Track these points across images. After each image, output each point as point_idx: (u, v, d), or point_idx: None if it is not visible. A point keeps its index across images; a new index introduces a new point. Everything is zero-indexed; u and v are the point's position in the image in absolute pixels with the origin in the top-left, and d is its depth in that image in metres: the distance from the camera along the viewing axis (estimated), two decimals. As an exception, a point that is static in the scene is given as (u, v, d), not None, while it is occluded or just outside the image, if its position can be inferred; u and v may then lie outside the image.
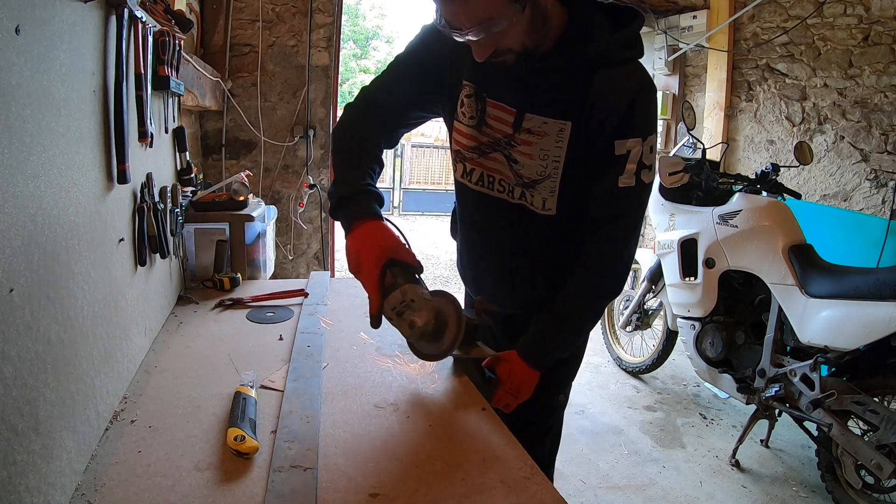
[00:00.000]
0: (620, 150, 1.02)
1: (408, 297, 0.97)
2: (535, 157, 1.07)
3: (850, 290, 1.97)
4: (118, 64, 1.03)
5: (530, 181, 1.10)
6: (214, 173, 3.07)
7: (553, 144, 1.06)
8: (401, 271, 0.99)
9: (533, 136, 1.06)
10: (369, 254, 0.99)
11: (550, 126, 1.05)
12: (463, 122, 1.14)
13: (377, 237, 1.00)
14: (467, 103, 1.12)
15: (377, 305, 1.00)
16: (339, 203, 1.04)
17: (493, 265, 1.26)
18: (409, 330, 0.99)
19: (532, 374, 1.14)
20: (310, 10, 3.12)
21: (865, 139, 2.99)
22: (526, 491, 0.86)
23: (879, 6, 2.87)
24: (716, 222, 2.45)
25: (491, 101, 1.09)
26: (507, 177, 1.12)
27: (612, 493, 2.13)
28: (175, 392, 1.12)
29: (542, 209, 1.11)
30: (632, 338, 3.29)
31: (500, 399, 1.15)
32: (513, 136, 1.08)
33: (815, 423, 2.08)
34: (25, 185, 0.71)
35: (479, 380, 1.18)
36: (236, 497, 0.82)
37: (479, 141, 1.13)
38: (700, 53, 3.90)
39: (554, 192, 1.09)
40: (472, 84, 1.10)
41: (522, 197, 1.12)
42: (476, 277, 1.33)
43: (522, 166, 1.09)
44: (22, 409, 0.68)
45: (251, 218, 1.93)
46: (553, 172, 1.07)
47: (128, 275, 1.17)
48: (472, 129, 1.13)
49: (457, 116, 1.14)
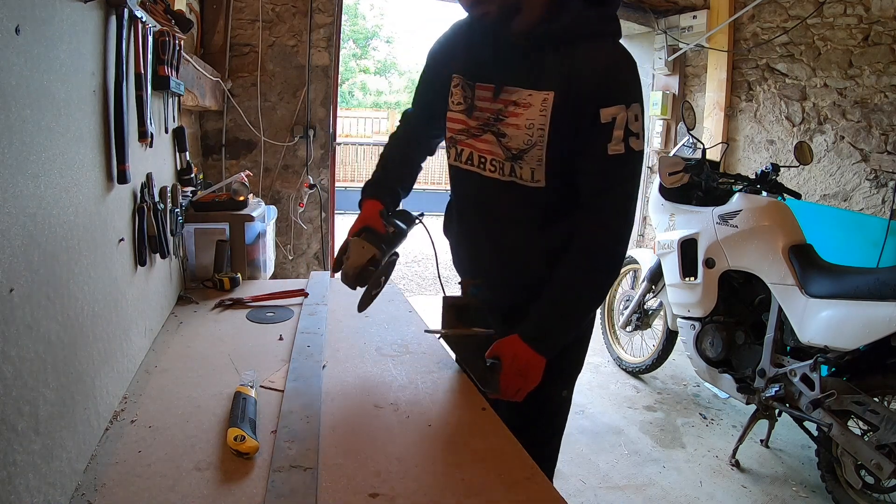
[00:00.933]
0: (606, 118, 1.05)
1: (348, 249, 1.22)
2: (522, 128, 1.11)
3: (850, 290, 1.97)
4: (118, 64, 1.03)
5: (518, 152, 1.13)
6: (214, 173, 3.07)
7: (538, 114, 1.09)
8: (368, 236, 1.22)
9: (519, 107, 1.11)
10: (355, 223, 1.25)
11: (535, 97, 1.10)
12: (454, 110, 1.21)
13: (363, 212, 1.26)
14: (455, 92, 1.20)
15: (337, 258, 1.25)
16: (362, 191, 1.32)
17: (490, 248, 1.26)
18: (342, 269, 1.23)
19: (537, 358, 1.11)
20: (310, 10, 3.12)
21: (865, 139, 2.99)
22: (526, 491, 0.86)
23: (879, 6, 2.87)
24: (716, 222, 2.45)
25: (479, 85, 1.16)
26: (498, 154, 1.16)
27: (612, 493, 2.13)
28: (175, 392, 1.12)
29: (532, 181, 1.14)
30: (632, 338, 3.29)
31: (508, 385, 1.11)
32: (500, 109, 1.13)
33: (815, 423, 2.08)
34: (25, 185, 0.71)
35: (482, 368, 1.15)
36: (236, 497, 0.82)
37: (469, 125, 1.19)
38: (700, 53, 3.90)
39: (541, 161, 1.12)
40: (461, 76, 1.19)
41: (512, 172, 1.15)
42: (473, 265, 1.33)
43: (510, 138, 1.13)
44: (22, 409, 0.68)
45: (251, 218, 1.93)
46: (539, 141, 1.10)
47: (128, 275, 1.17)
48: (461, 115, 1.20)
49: (448, 107, 1.23)
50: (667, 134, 4.15)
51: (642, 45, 4.18)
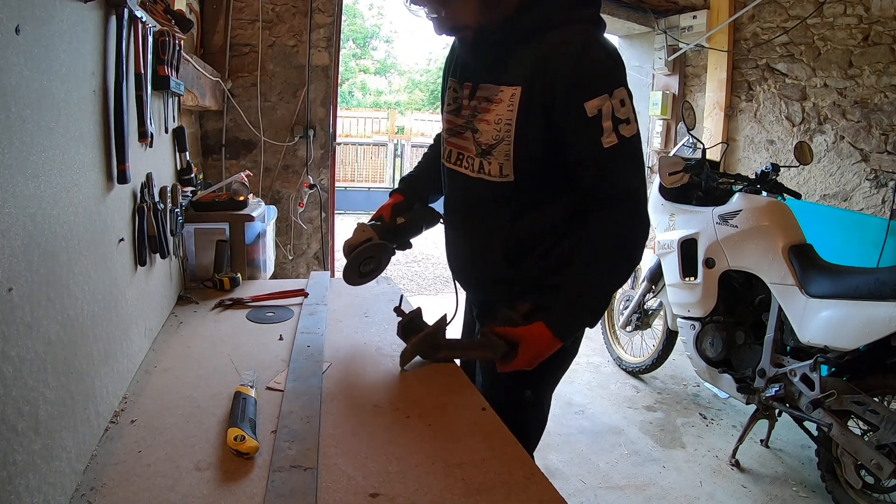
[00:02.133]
0: (592, 111, 1.03)
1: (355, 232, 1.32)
2: (492, 123, 1.13)
3: (850, 290, 1.97)
4: (118, 64, 1.03)
5: (487, 147, 1.14)
6: (214, 173, 3.07)
7: (506, 109, 1.10)
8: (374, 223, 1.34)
9: (491, 104, 1.13)
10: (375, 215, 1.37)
11: (505, 93, 1.11)
12: (446, 111, 1.26)
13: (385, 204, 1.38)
14: (449, 94, 1.25)
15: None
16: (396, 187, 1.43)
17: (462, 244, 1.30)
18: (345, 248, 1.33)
19: (557, 343, 1.10)
20: (310, 10, 3.11)
21: (865, 139, 2.99)
22: (526, 491, 0.86)
23: (879, 6, 2.87)
24: (716, 222, 2.45)
25: (465, 84, 1.20)
26: (470, 150, 1.19)
27: (612, 493, 2.13)
28: (175, 392, 1.12)
29: (500, 176, 1.14)
30: (632, 338, 3.29)
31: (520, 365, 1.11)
32: (475, 106, 1.16)
33: (815, 423, 2.08)
34: (25, 185, 0.71)
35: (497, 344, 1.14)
36: (236, 497, 0.82)
37: (455, 124, 1.22)
38: (700, 53, 3.90)
39: (509, 156, 1.12)
40: (455, 79, 1.24)
41: (481, 168, 1.17)
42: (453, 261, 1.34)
43: (482, 134, 1.15)
44: (22, 409, 0.68)
45: (251, 218, 1.93)
46: (506, 136, 1.11)
47: (128, 275, 1.17)
48: (451, 115, 1.24)
49: (442, 109, 1.28)
50: (667, 134, 4.15)
51: (642, 45, 4.18)
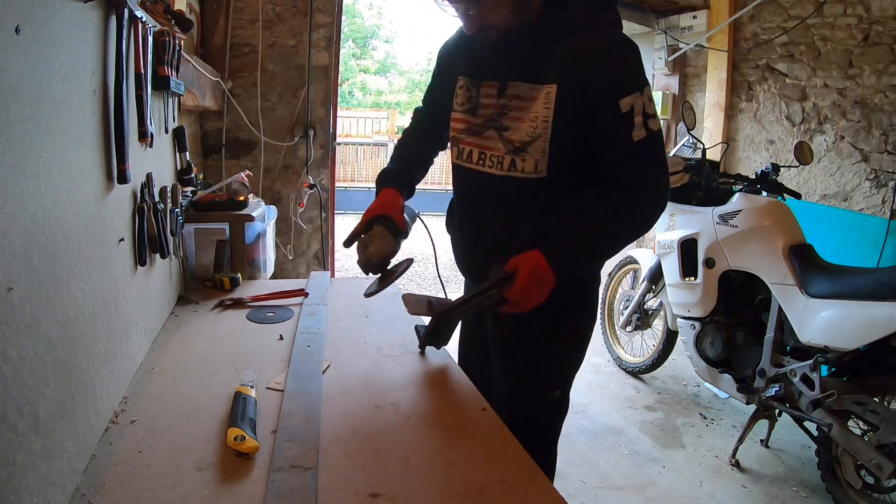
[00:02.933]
0: (625, 108, 1.09)
1: (373, 235, 1.25)
2: (526, 121, 1.14)
3: (850, 290, 1.97)
4: (118, 64, 1.03)
5: (521, 144, 1.15)
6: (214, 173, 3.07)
7: (542, 106, 1.12)
8: (386, 223, 1.26)
9: (523, 101, 1.14)
10: (374, 205, 1.28)
11: (538, 91, 1.12)
12: (458, 111, 1.25)
13: (385, 198, 1.29)
14: (461, 93, 1.24)
15: (355, 234, 1.27)
16: (380, 175, 1.35)
17: (483, 244, 1.28)
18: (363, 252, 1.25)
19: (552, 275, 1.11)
20: (310, 10, 3.11)
21: (865, 139, 2.99)
22: (526, 491, 0.86)
23: (879, 6, 2.87)
24: (716, 222, 2.45)
25: (484, 83, 1.20)
26: (498, 149, 1.19)
27: (612, 493, 2.13)
28: (175, 392, 1.12)
29: (535, 172, 1.16)
30: (632, 338, 3.29)
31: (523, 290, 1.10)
32: (503, 104, 1.16)
33: (815, 423, 2.08)
34: (25, 185, 0.71)
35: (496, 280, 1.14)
36: (236, 497, 0.82)
37: (472, 123, 1.22)
38: (700, 53, 3.90)
39: (545, 152, 1.14)
40: (466, 77, 1.23)
41: (512, 166, 1.17)
42: (468, 261, 1.34)
43: (514, 131, 1.16)
44: (22, 409, 0.68)
45: (251, 218, 1.93)
46: (543, 132, 1.13)
47: (128, 275, 1.17)
48: (465, 114, 1.23)
49: (453, 107, 1.26)
50: (667, 134, 4.15)
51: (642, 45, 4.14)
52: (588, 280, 1.31)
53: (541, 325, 1.24)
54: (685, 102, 2.89)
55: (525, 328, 1.25)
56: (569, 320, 1.28)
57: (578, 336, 1.31)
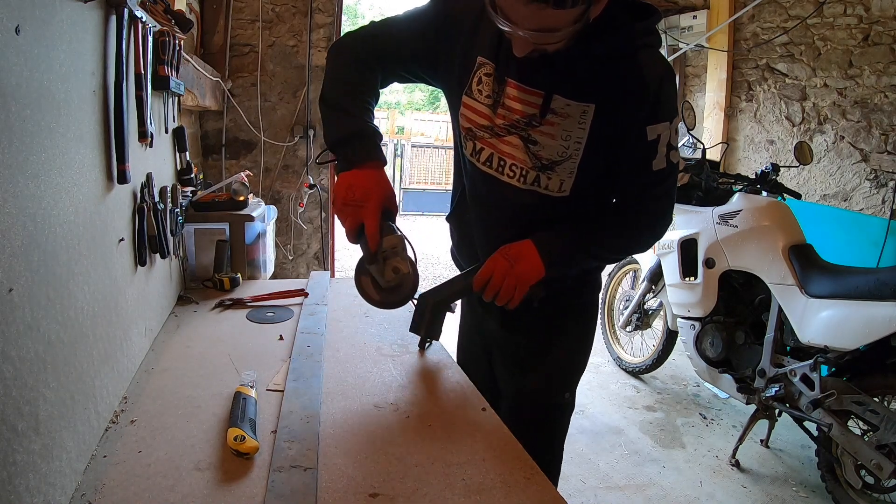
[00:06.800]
0: (652, 135, 1.06)
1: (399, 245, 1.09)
2: (558, 138, 1.07)
3: (850, 290, 1.97)
4: (118, 64, 1.03)
5: (549, 162, 1.10)
6: (214, 173, 3.07)
7: (576, 125, 1.06)
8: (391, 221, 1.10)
9: (557, 117, 1.07)
10: (377, 196, 1.06)
11: (574, 108, 1.06)
12: (478, 100, 1.13)
13: (384, 183, 1.09)
14: (486, 81, 1.11)
15: (376, 243, 1.08)
16: (349, 138, 1.08)
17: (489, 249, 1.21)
18: (393, 274, 1.09)
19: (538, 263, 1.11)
20: (310, 10, 3.12)
21: (865, 139, 2.99)
22: (526, 491, 0.86)
23: (879, 6, 2.87)
24: (716, 222, 2.45)
25: (512, 82, 1.08)
26: (522, 160, 1.11)
27: (612, 493, 2.13)
28: (175, 392, 1.12)
29: (559, 191, 1.12)
30: (632, 338, 3.29)
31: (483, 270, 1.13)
32: (533, 115, 1.08)
33: (815, 423, 2.08)
34: (25, 185, 0.71)
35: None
36: (236, 497, 0.82)
37: (493, 122, 1.12)
38: (700, 53, 3.90)
39: (573, 173, 1.10)
40: (492, 63, 1.10)
41: (536, 181, 1.11)
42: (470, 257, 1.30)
43: (542, 147, 1.08)
44: (22, 409, 0.68)
45: (251, 218, 1.93)
46: (574, 153, 1.08)
47: (128, 275, 1.17)
48: (487, 109, 1.12)
49: (471, 93, 1.13)
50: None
51: (642, 45, 4.17)
52: (592, 284, 1.31)
53: (550, 333, 1.26)
54: (685, 102, 2.89)
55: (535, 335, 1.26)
56: (576, 326, 1.30)
57: (585, 340, 1.33)
